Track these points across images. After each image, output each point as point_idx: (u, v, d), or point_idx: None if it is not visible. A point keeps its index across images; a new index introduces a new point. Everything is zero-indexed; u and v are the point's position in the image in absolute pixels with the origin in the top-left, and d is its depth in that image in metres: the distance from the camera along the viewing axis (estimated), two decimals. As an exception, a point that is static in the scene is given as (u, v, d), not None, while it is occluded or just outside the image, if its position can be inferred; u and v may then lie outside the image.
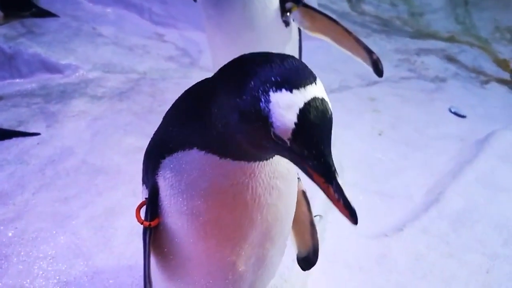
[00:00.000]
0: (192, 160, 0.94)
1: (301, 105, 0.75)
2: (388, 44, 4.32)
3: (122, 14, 3.79)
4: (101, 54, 3.37)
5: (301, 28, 2.17)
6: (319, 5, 4.18)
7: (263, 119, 0.77)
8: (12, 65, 3.20)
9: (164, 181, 0.99)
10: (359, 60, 2.04)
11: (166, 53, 3.59)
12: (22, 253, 1.90)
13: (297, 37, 2.31)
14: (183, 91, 1.05)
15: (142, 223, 1.04)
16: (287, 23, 2.10)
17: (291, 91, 0.76)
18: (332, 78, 3.61)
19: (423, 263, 2.07)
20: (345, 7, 4.74)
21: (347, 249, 2.10)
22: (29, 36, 3.36)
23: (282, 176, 0.99)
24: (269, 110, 0.76)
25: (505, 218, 2.32)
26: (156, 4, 3.81)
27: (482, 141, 2.92)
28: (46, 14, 3.55)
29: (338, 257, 2.06)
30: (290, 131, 0.76)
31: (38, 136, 2.61)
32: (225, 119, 0.85)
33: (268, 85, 0.77)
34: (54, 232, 2.00)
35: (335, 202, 0.79)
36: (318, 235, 1.42)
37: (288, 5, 2.04)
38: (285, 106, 0.75)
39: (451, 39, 4.52)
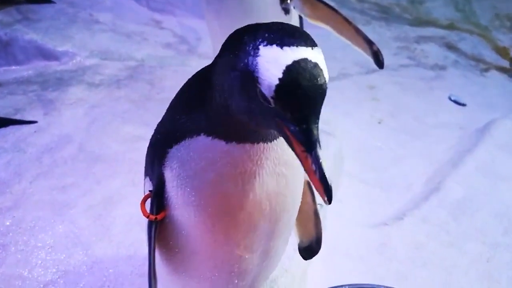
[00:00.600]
0: (199, 147, 0.92)
1: (289, 62, 0.71)
2: (388, 31, 4.29)
3: (119, 1, 3.74)
4: (98, 41, 3.33)
5: (302, 16, 2.14)
6: (318, -8, 4.15)
7: (251, 74, 0.74)
8: (8, 52, 3.15)
9: (171, 171, 0.96)
10: (359, 50, 2.02)
11: (164, 40, 3.55)
12: (20, 242, 1.88)
13: (298, 25, 2.28)
14: (181, 79, 1.03)
15: (148, 217, 1.01)
16: (286, 11, 2.06)
17: (281, 47, 0.73)
18: (332, 66, 3.55)
19: (423, 252, 2.07)
20: (345, -7, 4.70)
21: (348, 238, 2.10)
22: (25, 22, 3.31)
23: (287, 163, 0.96)
24: (256, 63, 0.73)
25: (506, 207, 2.32)
26: (153, -10, 3.77)
27: (482, 129, 2.91)
28: (41, 0, 3.51)
29: (339, 246, 2.05)
30: (274, 87, 0.71)
31: (35, 124, 2.58)
32: (223, 86, 0.83)
33: (259, 40, 0.74)
34: (52, 221, 1.99)
35: (311, 174, 0.74)
36: (319, 224, 1.41)
37: None
38: (271, 60, 0.72)
39: (450, 27, 4.49)
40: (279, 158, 0.94)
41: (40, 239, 1.90)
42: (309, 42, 0.76)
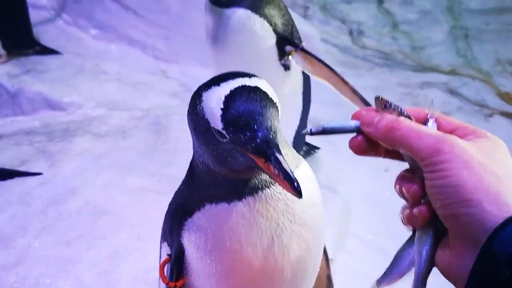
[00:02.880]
0: (208, 217, 0.91)
1: (227, 92, 0.78)
2: (391, 77, 4.33)
3: (125, 50, 3.79)
4: (105, 91, 3.36)
5: (304, 71, 2.12)
6: (322, 39, 4.21)
7: (203, 120, 0.80)
8: (15, 103, 3.19)
9: (190, 243, 0.96)
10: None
11: (169, 89, 3.57)
12: (23, 301, 1.85)
13: (300, 82, 2.26)
14: (187, 128, 1.03)
15: (167, 284, 1.00)
16: (286, 67, 2.04)
17: (218, 85, 0.80)
18: (337, 112, 3.57)
19: (437, 307, 2.00)
20: (347, 41, 4.76)
21: (358, 292, 2.05)
22: (32, 73, 3.35)
23: (305, 223, 0.94)
24: (202, 108, 0.80)
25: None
26: (159, 40, 3.82)
27: (490, 176, 2.88)
28: (49, 51, 3.58)
29: (349, 302, 2.00)
30: (220, 119, 0.76)
31: (40, 176, 2.58)
32: (197, 150, 0.89)
33: (201, 90, 0.82)
34: (57, 277, 1.96)
35: (276, 178, 0.75)
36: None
37: (288, 48, 1.98)
38: (213, 99, 0.78)
39: (452, 72, 4.53)
40: (293, 215, 0.91)
41: (44, 297, 1.86)
42: (248, 74, 0.81)
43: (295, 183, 0.72)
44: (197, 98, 0.82)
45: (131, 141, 2.90)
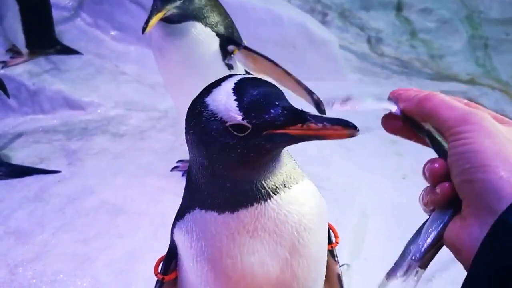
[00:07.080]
0: (195, 221, 0.91)
1: (233, 85, 0.78)
2: (409, 85, 4.30)
3: (145, 52, 3.80)
4: (123, 91, 3.38)
5: (246, 69, 2.19)
6: (340, 46, 4.20)
7: (214, 124, 0.78)
8: (35, 101, 3.22)
9: (179, 242, 0.97)
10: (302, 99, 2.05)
11: (187, 91, 3.59)
12: (40, 297, 1.86)
13: None
14: None
15: (156, 275, 1.03)
16: (230, 66, 2.11)
17: (219, 85, 0.80)
18: (352, 119, 3.57)
19: (454, 317, 1.98)
20: (365, 48, 4.74)
21: (374, 299, 2.03)
22: (53, 72, 3.38)
23: (293, 248, 0.89)
24: (211, 111, 0.78)
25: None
26: (178, 43, 3.84)
27: (509, 187, 2.85)
28: (70, 51, 3.61)
29: (365, 309, 1.98)
30: (237, 109, 0.75)
31: (59, 174, 2.60)
32: (199, 158, 0.86)
33: (201, 98, 0.81)
34: (73, 275, 1.97)
35: (321, 132, 0.74)
36: (345, 285, 1.36)
37: (230, 48, 2.07)
38: (221, 97, 0.77)
39: (471, 82, 4.49)
40: (278, 234, 0.88)
41: (60, 294, 1.87)
42: (238, 74, 0.84)
43: (348, 122, 0.72)
44: (199, 106, 0.81)
45: (149, 141, 2.92)
